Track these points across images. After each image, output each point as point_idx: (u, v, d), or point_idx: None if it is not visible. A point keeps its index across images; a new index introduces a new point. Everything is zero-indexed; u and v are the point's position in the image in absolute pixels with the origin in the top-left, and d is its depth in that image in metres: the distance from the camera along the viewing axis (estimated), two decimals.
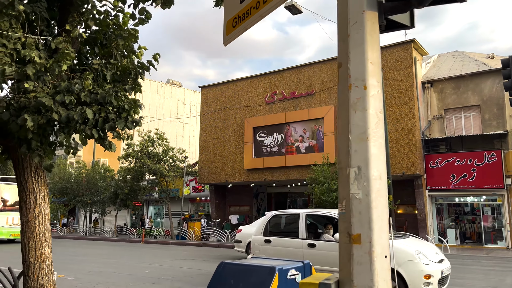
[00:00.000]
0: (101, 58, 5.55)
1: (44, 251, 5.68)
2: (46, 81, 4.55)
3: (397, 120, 21.01)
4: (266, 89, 25.63)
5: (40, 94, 4.48)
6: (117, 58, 5.44)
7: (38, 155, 4.93)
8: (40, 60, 4.36)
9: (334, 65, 23.35)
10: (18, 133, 4.78)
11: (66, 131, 4.94)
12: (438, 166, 20.88)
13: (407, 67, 21.03)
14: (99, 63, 5.22)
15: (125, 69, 5.57)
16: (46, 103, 4.41)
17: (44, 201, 5.72)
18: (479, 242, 21.04)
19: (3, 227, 20.33)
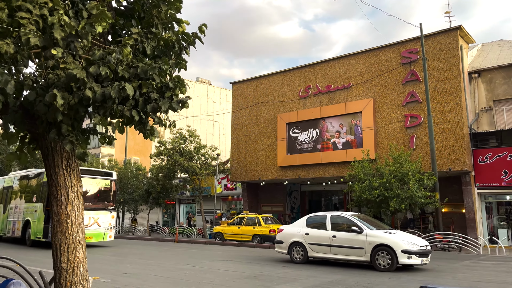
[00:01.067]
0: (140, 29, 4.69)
1: (78, 255, 4.89)
2: (77, 49, 3.70)
3: (442, 113, 19.55)
4: (299, 83, 24.57)
5: (70, 66, 3.65)
6: (158, 27, 4.58)
7: (70, 142, 4.11)
8: (70, 21, 3.52)
9: (372, 57, 22.08)
10: (46, 115, 3.98)
11: (102, 112, 4.11)
12: (488, 162, 19.29)
13: (453, 56, 19.53)
14: (138, 32, 4.36)
15: (168, 42, 4.71)
16: (78, 76, 3.57)
17: (77, 197, 4.93)
18: None
19: None
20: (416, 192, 16.80)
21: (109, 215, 17.41)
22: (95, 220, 16.70)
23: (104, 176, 17.90)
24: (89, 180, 16.76)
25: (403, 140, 20.38)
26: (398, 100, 20.91)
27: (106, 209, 17.39)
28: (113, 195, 18.05)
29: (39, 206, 16.78)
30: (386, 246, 10.67)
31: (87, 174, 16.62)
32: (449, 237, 17.37)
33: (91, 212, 16.55)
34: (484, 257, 14.74)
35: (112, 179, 18.15)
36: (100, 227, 16.91)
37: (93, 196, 17.26)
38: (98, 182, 17.47)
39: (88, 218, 16.25)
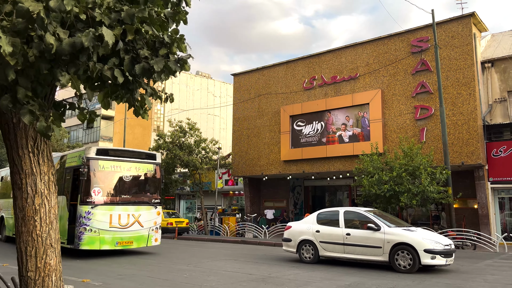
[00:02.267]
0: None
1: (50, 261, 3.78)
2: None
3: (454, 104, 18.45)
4: (303, 74, 23.44)
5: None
6: None
7: (30, 113, 3.00)
8: None
9: (379, 46, 20.95)
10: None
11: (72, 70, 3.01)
12: (502, 155, 18.22)
13: (466, 44, 18.40)
14: None
15: None
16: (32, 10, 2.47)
17: (48, 187, 3.82)
18: None
19: (106, 230, 11.94)
20: (428, 187, 15.73)
21: (153, 211, 13.20)
22: (136, 218, 12.58)
23: (145, 159, 13.55)
24: (125, 164, 12.86)
25: (413, 133, 19.29)
26: (407, 91, 19.81)
27: (149, 203, 13.22)
28: (158, 184, 13.84)
29: (62, 201, 12.86)
30: (406, 245, 9.61)
31: (122, 156, 12.90)
32: (463, 234, 16.33)
33: (131, 207, 12.62)
34: (504, 255, 13.70)
35: (156, 162, 13.85)
36: (142, 228, 12.73)
37: (132, 186, 13.17)
38: (137, 167, 13.25)
39: (127, 215, 12.37)
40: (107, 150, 13.03)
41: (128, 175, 12.97)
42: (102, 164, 12.35)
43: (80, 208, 11.83)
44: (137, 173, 13.27)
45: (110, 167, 12.51)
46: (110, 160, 12.54)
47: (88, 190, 11.88)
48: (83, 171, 11.73)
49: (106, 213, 12.03)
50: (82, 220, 11.68)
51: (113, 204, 12.38)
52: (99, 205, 11.97)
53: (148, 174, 13.59)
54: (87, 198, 11.82)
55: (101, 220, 11.88)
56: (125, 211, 12.41)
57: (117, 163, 12.67)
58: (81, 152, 12.53)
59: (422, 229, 11.03)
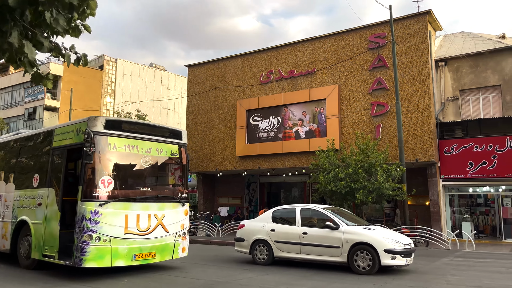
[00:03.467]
0: None
1: None
2: None
3: (409, 101, 18.30)
4: (261, 67, 22.58)
5: None
6: None
7: None
8: None
9: (337, 41, 20.49)
10: None
11: None
12: (453, 153, 18.31)
13: (422, 41, 18.29)
14: None
15: None
16: None
17: None
18: (493, 236, 18.66)
19: (120, 238, 8.20)
20: (383, 184, 15.39)
21: (180, 210, 9.45)
22: (159, 220, 8.84)
23: (168, 138, 9.69)
24: (144, 144, 9.04)
25: (369, 129, 18.98)
26: (364, 87, 19.47)
27: (175, 198, 9.51)
28: (185, 172, 10.11)
29: (48, 195, 9.04)
30: (366, 245, 8.94)
31: (139, 132, 9.06)
32: (416, 231, 16.16)
33: (152, 205, 8.84)
34: (458, 253, 13.53)
35: (182, 143, 10.00)
36: (167, 234, 8.98)
37: (152, 176, 9.64)
38: (159, 149, 9.39)
39: (147, 216, 8.60)
40: (120, 122, 9.06)
41: (148, 159, 9.11)
42: (114, 142, 8.47)
43: (82, 206, 7.90)
44: (159, 157, 9.39)
45: (124, 147, 8.66)
46: (124, 137, 8.66)
47: (94, 180, 8.08)
48: (89, 152, 7.93)
49: (120, 214, 8.18)
50: (85, 223, 7.80)
51: (129, 200, 8.51)
52: (110, 202, 8.12)
53: (172, 159, 9.68)
54: (92, 192, 8.00)
55: (113, 224, 8.04)
56: (145, 210, 8.60)
57: (133, 141, 8.80)
58: (81, 124, 8.60)
59: (381, 227, 10.46)
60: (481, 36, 21.96)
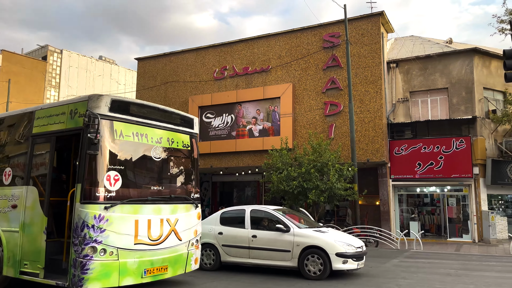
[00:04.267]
0: None
1: None
2: None
3: (362, 101, 18.30)
4: (214, 63, 21.81)
5: None
6: None
7: None
8: None
9: (292, 39, 20.16)
10: None
11: None
12: (403, 153, 18.53)
13: (375, 42, 18.35)
14: None
15: None
16: None
17: None
18: (438, 235, 19.12)
19: (129, 250, 6.49)
20: (335, 184, 15.20)
21: (193, 214, 7.85)
22: (172, 225, 7.25)
23: (180, 126, 7.98)
24: (155, 132, 7.40)
25: (322, 129, 18.81)
26: (318, 86, 19.27)
27: (188, 199, 7.84)
28: (196, 168, 8.34)
29: (27, 195, 7.22)
30: (317, 248, 8.50)
31: (148, 117, 7.34)
32: (366, 231, 16.12)
33: (164, 207, 7.23)
34: (407, 253, 13.54)
35: (193, 133, 8.32)
36: (180, 242, 7.37)
37: (163, 171, 7.67)
38: (171, 139, 7.70)
39: (159, 222, 7.03)
40: (128, 103, 7.10)
41: (159, 151, 7.42)
42: (120, 128, 6.75)
43: (82, 210, 6.18)
44: (170, 148, 7.68)
45: (132, 135, 6.95)
46: (132, 123, 6.96)
47: (98, 176, 6.36)
48: (94, 140, 6.23)
49: (129, 219, 6.55)
50: (88, 232, 6.10)
51: (140, 201, 6.84)
52: (118, 204, 6.44)
53: (183, 151, 8.01)
54: (96, 191, 6.29)
55: (121, 232, 6.39)
56: (157, 214, 7.00)
57: (142, 128, 7.13)
58: (78, 104, 6.80)
59: (333, 229, 10.10)
60: (430, 40, 22.51)
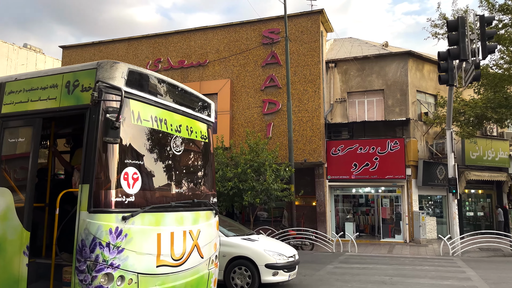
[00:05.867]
0: None
1: None
2: None
3: (300, 100, 17.71)
4: (148, 55, 20.18)
5: None
6: None
7: None
8: None
9: (230, 33, 19.11)
10: None
11: None
12: (340, 154, 18.20)
13: (314, 41, 17.84)
14: None
15: None
16: None
17: None
18: (372, 235, 19.08)
19: (151, 276, 4.70)
20: (272, 184, 14.39)
21: (213, 222, 6.15)
22: (195, 239, 5.53)
23: (198, 113, 6.12)
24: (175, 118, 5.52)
25: (260, 127, 17.97)
26: (256, 83, 18.40)
27: (207, 205, 6.07)
28: (213, 163, 6.98)
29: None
30: (245, 259, 7.51)
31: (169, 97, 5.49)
32: (302, 233, 15.51)
33: (187, 216, 5.46)
34: (342, 257, 13.01)
35: (210, 121, 6.47)
36: (202, 260, 5.71)
37: (184, 169, 5.82)
38: (190, 128, 5.84)
39: (182, 235, 5.27)
40: (148, 77, 5.17)
41: (179, 142, 5.60)
42: (138, 110, 4.95)
43: (92, 221, 4.37)
44: (190, 140, 5.87)
45: (151, 119, 5.14)
46: (151, 104, 5.14)
47: (113, 173, 4.57)
48: (115, 123, 4.48)
49: (151, 232, 4.84)
50: (102, 253, 4.33)
51: (162, 208, 5.13)
52: (139, 212, 4.68)
53: (201, 144, 6.22)
54: (111, 196, 4.51)
55: (142, 251, 4.69)
56: (180, 225, 5.29)
57: (162, 112, 5.32)
58: (80, 74, 4.85)
59: (265, 237, 9.15)
60: (368, 42, 22.56)
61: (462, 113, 16.08)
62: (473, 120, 16.09)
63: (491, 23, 10.40)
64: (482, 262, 12.03)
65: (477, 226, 20.48)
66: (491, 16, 10.74)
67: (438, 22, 16.18)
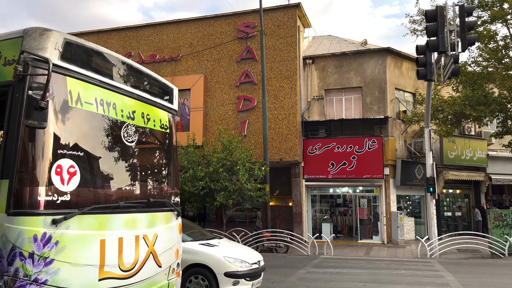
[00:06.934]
0: None
1: None
2: None
3: (276, 97, 16.93)
4: (118, 48, 19.07)
5: None
6: None
7: None
8: None
9: (205, 26, 18.20)
10: None
11: None
12: (317, 153, 17.49)
13: (290, 35, 17.08)
14: None
15: None
16: None
17: None
18: (350, 236, 18.45)
19: None
20: (245, 184, 13.57)
21: (174, 225, 5.19)
22: (150, 245, 4.60)
23: (157, 98, 5.19)
24: (126, 103, 4.58)
25: (235, 125, 17.12)
26: (231, 79, 17.54)
27: (167, 205, 5.09)
28: (175, 158, 5.65)
29: None
30: (202, 267, 6.65)
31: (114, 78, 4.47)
32: (277, 235, 14.71)
33: (140, 219, 4.52)
34: (316, 260, 12.24)
35: (173, 109, 5.59)
36: (160, 269, 4.79)
37: (138, 165, 4.78)
38: (146, 115, 4.92)
39: (134, 241, 4.35)
40: (90, 51, 4.23)
41: (132, 131, 4.67)
42: (78, 90, 3.98)
43: (12, 226, 3.41)
44: (146, 128, 4.98)
45: (96, 102, 4.19)
46: (96, 84, 4.21)
47: (40, 166, 3.59)
48: (41, 102, 3.44)
49: (92, 239, 3.90)
50: (23, 266, 3.38)
51: (108, 209, 4.17)
52: (76, 214, 3.72)
53: (161, 134, 5.34)
54: (38, 193, 3.52)
55: (79, 262, 3.73)
56: (131, 229, 4.38)
57: (111, 95, 4.40)
58: (6, 43, 3.83)
59: (227, 241, 8.26)
60: (346, 40, 21.95)
61: (440, 111, 15.56)
62: (451, 118, 15.60)
63: (471, 13, 9.81)
64: (461, 265, 11.45)
65: (455, 226, 20.09)
66: (471, 6, 10.17)
67: (416, 18, 15.67)
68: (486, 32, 14.42)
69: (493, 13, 13.95)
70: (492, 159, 20.14)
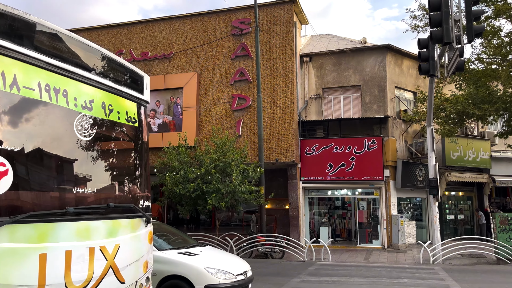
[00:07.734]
0: None
1: None
2: None
3: (272, 95, 16.18)
4: (109, 46, 18.34)
5: None
6: None
7: None
8: None
9: (199, 23, 17.48)
10: None
11: None
12: (314, 154, 16.72)
13: (287, 32, 16.34)
14: None
15: None
16: None
17: None
18: (349, 240, 17.66)
19: None
20: (239, 186, 12.80)
21: (143, 234, 4.37)
22: (110, 259, 3.79)
23: (123, 86, 4.39)
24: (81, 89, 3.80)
25: (229, 125, 16.37)
26: (225, 77, 16.80)
27: (134, 210, 4.29)
28: (145, 156, 4.72)
29: None
30: (181, 279, 5.87)
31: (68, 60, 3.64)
32: (272, 240, 13.92)
33: (97, 228, 3.74)
34: (313, 267, 11.45)
35: (143, 100, 4.74)
36: (123, 286, 3.94)
37: (95, 163, 3.97)
38: (109, 105, 4.13)
39: (88, 254, 3.57)
40: (32, 25, 3.37)
41: (88, 123, 3.83)
42: (14, 71, 3.20)
43: None
44: (108, 121, 4.13)
45: (39, 88, 3.38)
46: (40, 66, 3.41)
47: None
48: None
49: (28, 254, 3.09)
50: None
51: (51, 216, 3.34)
52: (5, 224, 2.93)
53: (128, 128, 4.48)
54: None
55: (9, 283, 2.92)
56: (84, 240, 3.55)
57: (60, 80, 3.58)
58: None
59: (210, 249, 7.46)
60: (345, 38, 21.22)
61: (442, 109, 14.79)
62: (454, 117, 14.83)
63: (478, 2, 9.06)
64: (467, 272, 10.66)
65: (458, 230, 19.28)
66: None
67: (417, 14, 14.93)
68: (490, 27, 13.67)
69: (497, 8, 13.22)
70: (496, 160, 19.36)
